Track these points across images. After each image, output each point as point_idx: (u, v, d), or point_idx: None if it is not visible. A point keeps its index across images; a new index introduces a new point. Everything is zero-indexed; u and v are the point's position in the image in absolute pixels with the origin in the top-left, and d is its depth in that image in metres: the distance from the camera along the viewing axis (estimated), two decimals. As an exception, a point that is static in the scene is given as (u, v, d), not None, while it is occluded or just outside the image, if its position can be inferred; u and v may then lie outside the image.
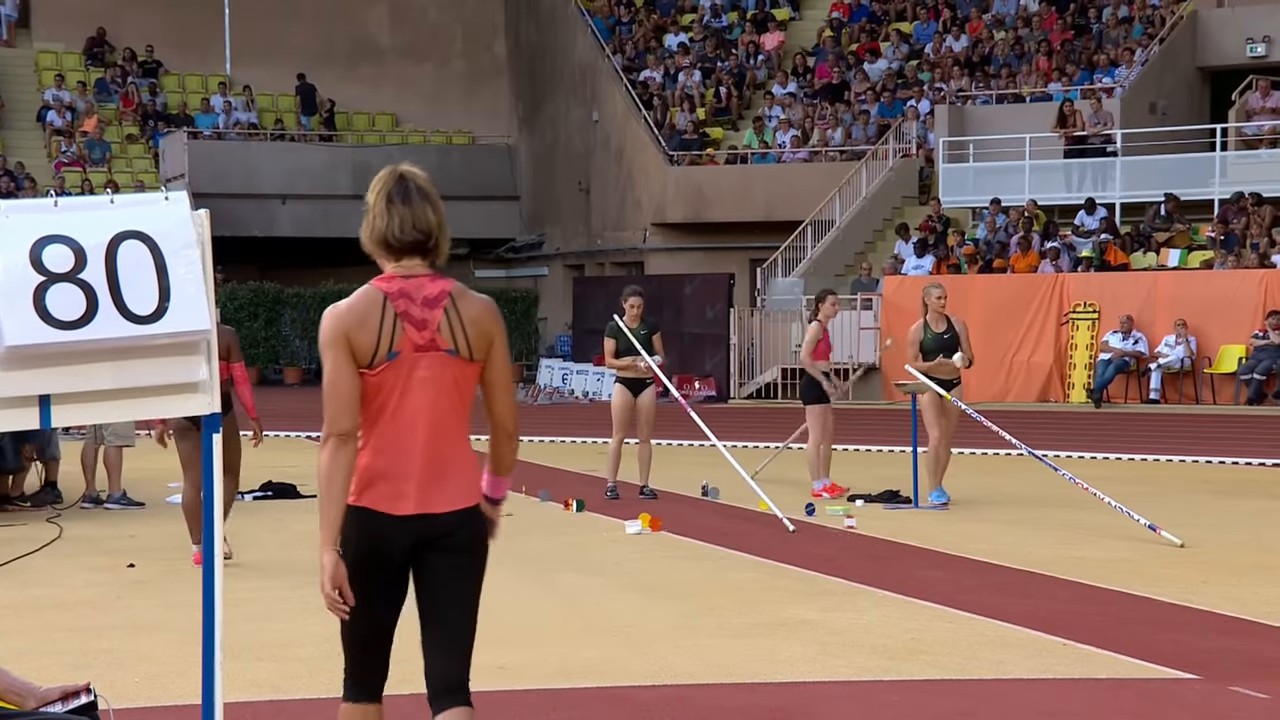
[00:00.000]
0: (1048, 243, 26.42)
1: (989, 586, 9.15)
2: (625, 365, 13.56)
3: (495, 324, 4.41)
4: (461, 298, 4.38)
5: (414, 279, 4.40)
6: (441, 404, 4.32)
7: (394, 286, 4.38)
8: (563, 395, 28.98)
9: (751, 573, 9.71)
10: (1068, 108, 28.47)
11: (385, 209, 4.48)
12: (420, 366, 4.29)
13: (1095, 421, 22.45)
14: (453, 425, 4.36)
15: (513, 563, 10.20)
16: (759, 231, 32.12)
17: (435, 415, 4.31)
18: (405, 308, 4.34)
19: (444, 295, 4.36)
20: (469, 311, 4.36)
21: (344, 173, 37.50)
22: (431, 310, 4.33)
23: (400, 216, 4.45)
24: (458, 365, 4.34)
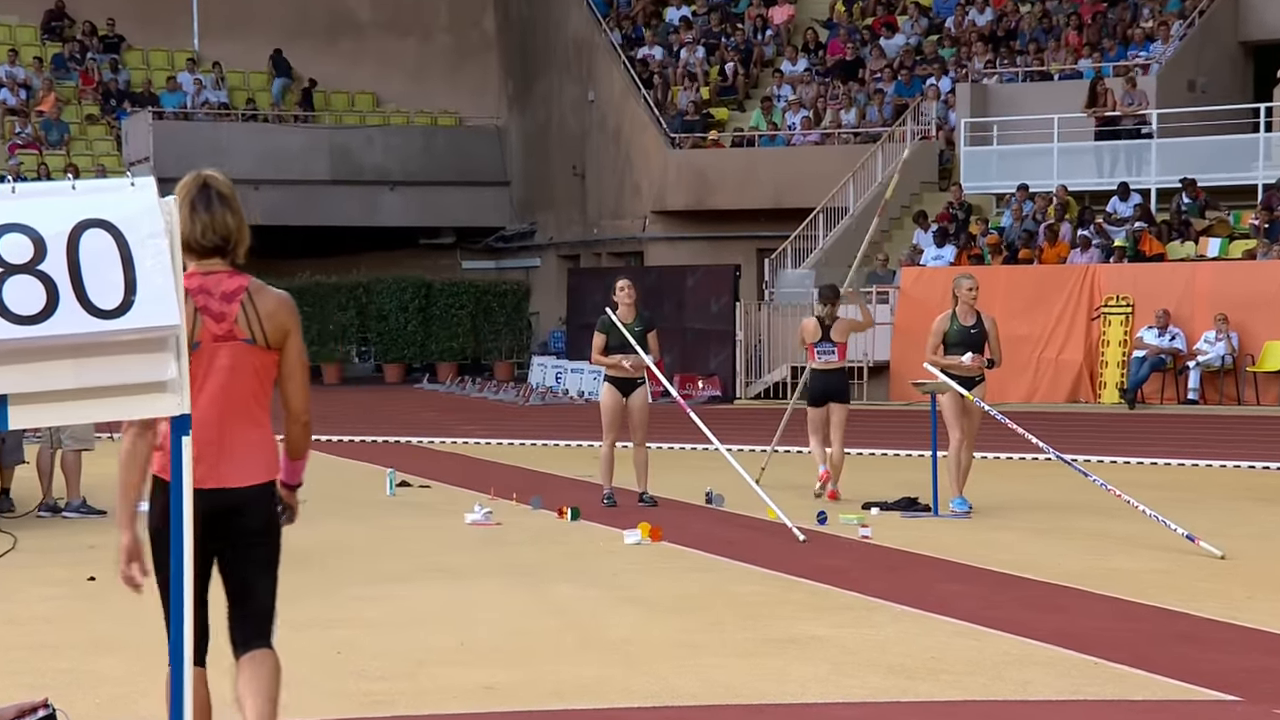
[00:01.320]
0: (1078, 231, 26.44)
1: (1014, 601, 9.16)
2: (614, 364, 13.54)
3: (291, 316, 5.21)
4: (259, 293, 5.14)
5: (213, 275, 5.09)
6: (240, 388, 5.05)
7: (194, 283, 5.02)
8: (556, 395, 28.99)
9: (759, 586, 9.73)
10: (1099, 86, 28.47)
11: (189, 215, 5.10)
12: (220, 355, 5.03)
13: (1129, 424, 22.47)
14: (251, 407, 5.08)
15: (503, 574, 10.21)
16: (767, 220, 32.13)
17: (233, 398, 5.03)
18: (204, 302, 5.02)
19: (240, 290, 5.10)
20: (265, 306, 5.13)
21: (321, 156, 37.52)
22: (229, 304, 5.06)
23: (202, 223, 5.12)
24: (256, 354, 5.09)
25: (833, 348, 14.78)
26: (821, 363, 14.75)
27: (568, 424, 23.62)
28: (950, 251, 27.11)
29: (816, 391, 14.72)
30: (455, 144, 39.00)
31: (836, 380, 14.82)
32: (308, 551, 11.31)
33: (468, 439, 21.37)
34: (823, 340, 14.77)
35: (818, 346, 14.77)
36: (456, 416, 25.18)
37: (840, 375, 14.88)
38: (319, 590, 9.59)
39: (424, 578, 10.10)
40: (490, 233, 39.76)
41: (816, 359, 14.73)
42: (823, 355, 14.74)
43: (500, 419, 24.78)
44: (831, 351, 14.75)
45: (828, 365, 14.76)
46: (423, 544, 11.68)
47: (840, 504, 13.58)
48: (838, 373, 14.85)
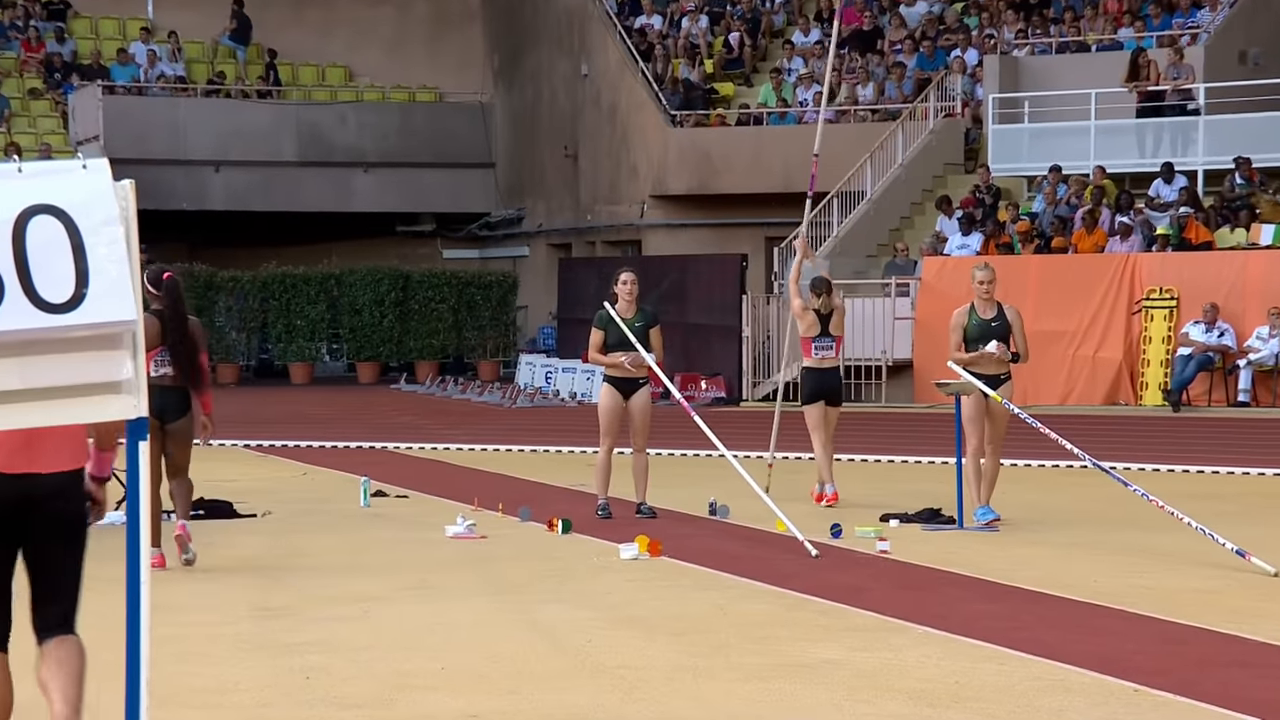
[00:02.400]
0: (1117, 218, 26.45)
1: (1046, 621, 9.19)
2: (613, 363, 13.56)
3: None
4: None
5: None
6: None
7: None
8: (546, 397, 29.01)
9: (767, 604, 9.75)
10: (1141, 58, 28.49)
11: None
12: None
13: (1173, 428, 22.49)
14: None
15: (488, 593, 10.23)
16: (776, 205, 32.13)
17: None
18: None
19: None
20: None
21: (288, 135, 37.53)
22: None
23: None
24: None
25: (831, 342, 15.01)
26: (818, 359, 14.97)
27: (559, 428, 23.62)
28: (976, 240, 27.14)
29: (813, 390, 14.87)
30: (435, 122, 38.99)
31: (833, 379, 15.08)
32: (274, 567, 11.33)
33: (449, 445, 21.38)
34: (821, 335, 14.97)
35: (815, 341, 14.96)
36: (437, 420, 25.18)
37: (837, 374, 15.14)
38: (286, 610, 9.61)
39: (401, 596, 10.12)
40: (474, 219, 39.76)
41: (813, 355, 14.93)
42: (820, 351, 14.94)
43: (485, 423, 24.78)
44: (830, 347, 14.97)
45: (824, 362, 14.98)
46: (400, 559, 11.69)
47: (856, 515, 13.59)
48: (835, 371, 15.10)
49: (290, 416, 26.22)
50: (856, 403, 26.82)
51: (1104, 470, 12.75)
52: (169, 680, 7.50)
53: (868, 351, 26.74)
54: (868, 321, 26.72)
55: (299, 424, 24.30)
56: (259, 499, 15.13)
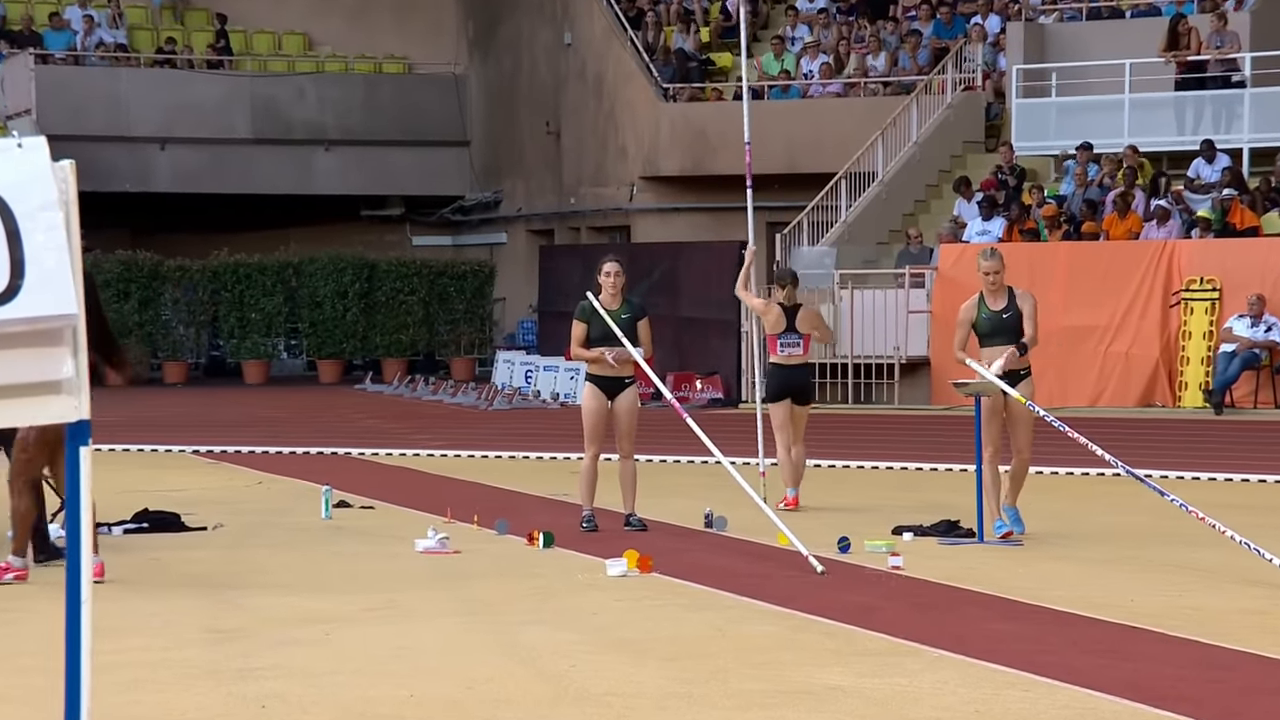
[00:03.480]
0: (1153, 201, 26.50)
1: (1076, 645, 9.20)
2: (595, 358, 13.58)
3: None
4: None
5: None
6: None
7: None
8: (526, 398, 29.02)
9: (768, 626, 9.76)
10: (1181, 25, 28.53)
11: None
12: None
13: (1214, 431, 22.52)
14: None
15: (461, 613, 10.23)
16: (779, 187, 32.14)
17: None
18: None
19: None
20: None
21: (241, 110, 37.51)
22: None
23: None
24: None
25: (798, 339, 15.28)
26: (784, 356, 15.26)
27: (540, 432, 23.61)
28: (998, 225, 27.18)
29: (778, 388, 15.21)
30: (404, 96, 38.99)
31: (800, 377, 15.34)
32: (226, 586, 11.33)
33: (419, 451, 21.37)
34: (787, 330, 15.26)
35: (781, 338, 15.25)
36: (406, 423, 25.17)
37: (804, 371, 15.42)
38: (240, 632, 9.61)
39: (366, 617, 10.12)
40: (446, 203, 39.77)
41: (778, 352, 15.23)
42: (786, 348, 15.24)
43: (458, 426, 24.78)
44: (797, 344, 15.25)
45: (790, 359, 15.26)
46: (365, 576, 11.69)
47: (867, 528, 13.61)
48: (801, 369, 15.36)
49: (244, 419, 26.20)
50: (867, 405, 26.86)
51: (1139, 479, 12.76)
52: (111, 711, 7.50)
53: (879, 349, 26.79)
54: (879, 316, 26.77)
55: (254, 428, 24.27)
56: (210, 510, 15.12)
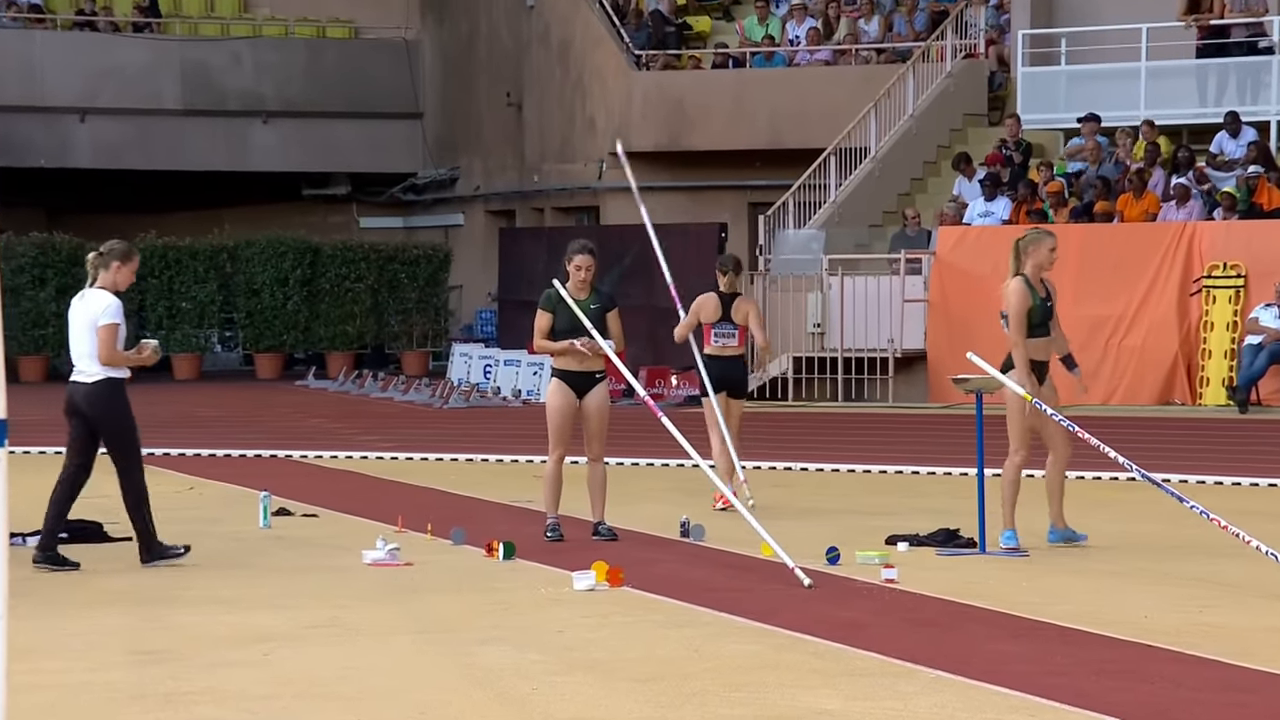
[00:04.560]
0: (1173, 179, 26.55)
1: (1086, 665, 9.22)
2: (563, 350, 13.57)
3: None
4: None
5: None
6: None
7: None
8: (485, 395, 28.99)
9: (750, 644, 9.77)
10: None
11: None
12: None
13: (1238, 431, 22.58)
14: None
15: (414, 631, 10.22)
16: (762, 164, 32.19)
17: None
18: None
19: None
20: None
21: (169, 78, 37.42)
22: None
23: None
24: None
25: (734, 330, 15.66)
26: (718, 346, 15.64)
27: (500, 433, 23.59)
28: (1003, 205, 27.20)
29: (712, 381, 15.56)
30: (350, 63, 38.92)
31: (734, 369, 15.71)
32: (154, 601, 11.31)
33: (367, 453, 21.34)
34: (723, 320, 15.63)
35: (716, 328, 15.64)
36: (352, 423, 25.13)
37: (739, 364, 15.76)
38: (169, 653, 9.59)
39: (309, 635, 10.11)
40: (397, 181, 39.73)
41: (712, 343, 15.63)
42: (721, 338, 15.64)
43: (411, 426, 24.74)
44: (733, 335, 15.63)
45: (725, 350, 15.64)
46: (308, 591, 11.68)
47: (857, 537, 13.62)
48: (736, 360, 15.72)
49: (173, 419, 26.13)
50: (859, 403, 26.89)
51: (1155, 483, 12.79)
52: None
53: (871, 341, 26.81)
54: (871, 305, 26.80)
55: (184, 428, 24.22)
56: (136, 519, 15.08)
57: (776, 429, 24.19)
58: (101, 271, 12.66)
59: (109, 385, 12.60)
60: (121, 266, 12.68)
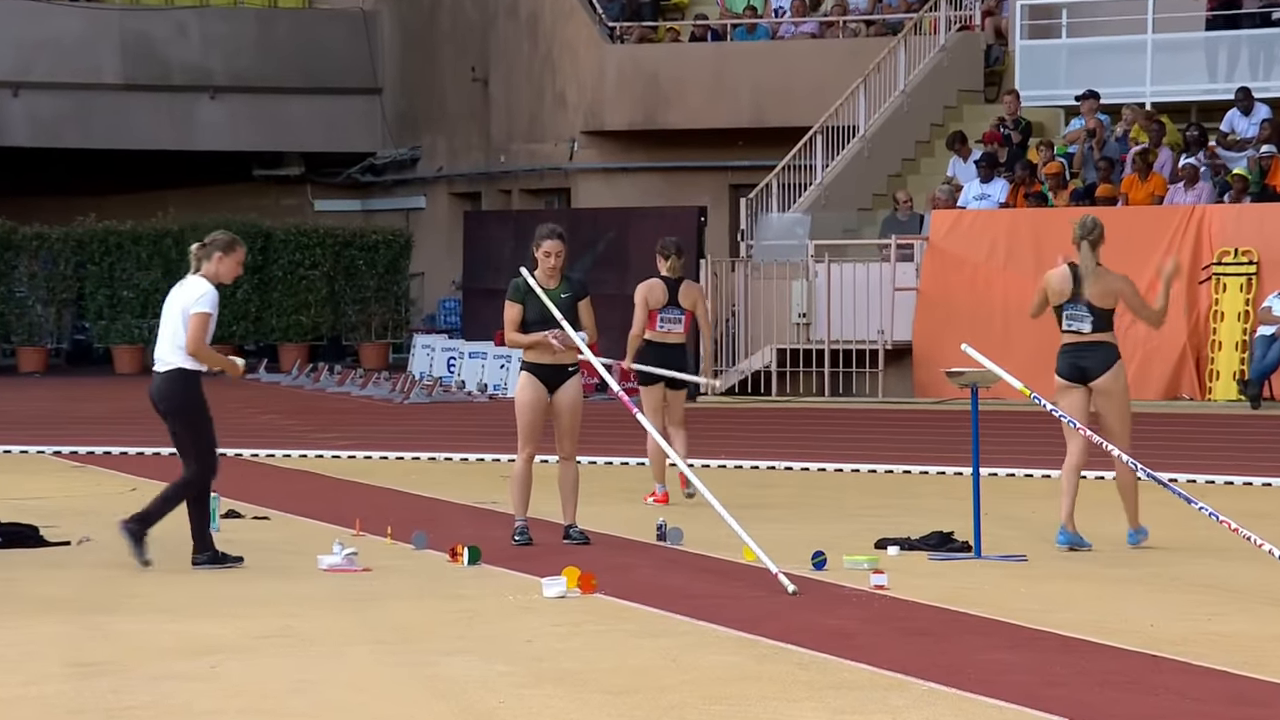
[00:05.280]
0: (1180, 159, 26.61)
1: (1088, 676, 9.25)
2: (534, 342, 13.58)
3: None
4: None
5: None
6: None
7: None
8: (448, 390, 28.99)
9: (730, 655, 9.78)
10: (1211, -45, 28.63)
11: None
12: None
13: (1250, 428, 22.63)
14: None
15: (372, 641, 10.22)
16: (744, 144, 32.20)
17: None
18: None
19: None
20: None
21: (109, 50, 37.33)
22: None
23: None
24: None
25: (680, 315, 15.96)
26: (662, 332, 15.94)
27: (465, 430, 23.57)
28: (1000, 188, 27.25)
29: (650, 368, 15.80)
30: (304, 34, 38.86)
31: (677, 357, 15.97)
32: (94, 610, 11.29)
33: (323, 451, 21.32)
34: (669, 305, 15.92)
35: (662, 312, 15.92)
36: (307, 420, 25.09)
37: (682, 352, 16.05)
38: (110, 665, 9.58)
39: (260, 646, 10.10)
40: (354, 161, 39.66)
41: (657, 328, 15.92)
42: (666, 324, 15.94)
43: (369, 423, 24.71)
44: (678, 320, 15.94)
45: (669, 336, 15.96)
46: (259, 598, 11.67)
47: (844, 540, 13.65)
48: (679, 348, 16.02)
49: (114, 415, 26.08)
50: (846, 397, 26.92)
51: (1161, 483, 12.82)
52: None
53: (860, 332, 26.83)
54: (860, 294, 26.82)
55: (126, 425, 24.17)
56: (74, 522, 15.05)
57: (759, 425, 24.24)
58: (204, 262, 12.96)
59: (182, 376, 12.93)
60: (224, 257, 12.99)
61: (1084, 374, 13.60)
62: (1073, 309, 13.65)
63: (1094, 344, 13.64)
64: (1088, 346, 13.64)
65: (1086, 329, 13.64)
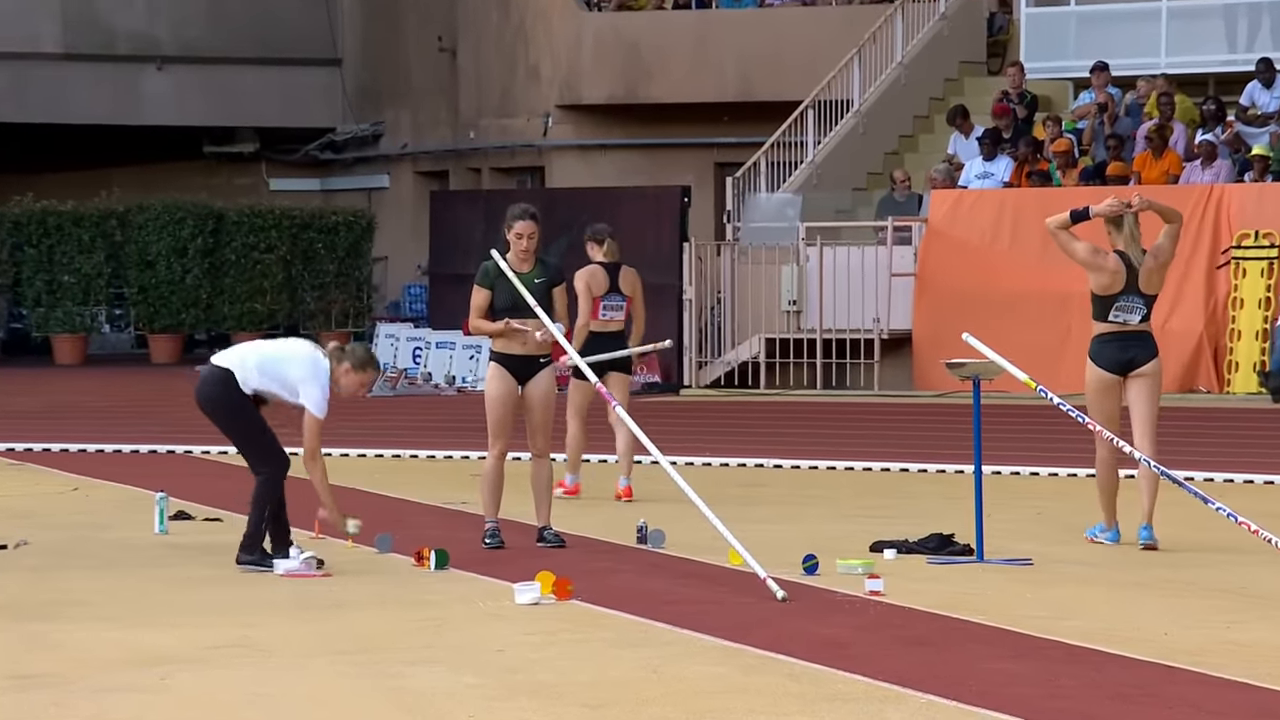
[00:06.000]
0: (1197, 135, 26.64)
1: (1098, 688, 9.27)
2: (503, 331, 13.57)
3: None
4: None
5: None
6: None
7: None
8: (414, 382, 28.98)
9: (716, 666, 9.79)
10: (1229, -84, 28.66)
11: None
12: None
13: (1271, 423, 22.67)
14: None
15: (333, 651, 10.22)
16: (730, 119, 32.19)
17: None
18: None
19: None
20: None
21: (48, 17, 37.27)
22: None
23: None
24: None
25: (622, 301, 16.42)
26: (604, 320, 16.38)
27: (431, 425, 23.56)
28: (1004, 166, 27.25)
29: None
30: (258, 1, 38.77)
31: (618, 345, 16.32)
32: (34, 618, 11.29)
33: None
34: (611, 291, 16.35)
35: (605, 299, 16.34)
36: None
37: (622, 340, 16.41)
38: (52, 678, 9.57)
39: (213, 656, 10.10)
40: (313, 137, 39.63)
41: (600, 316, 16.32)
42: (609, 311, 16.37)
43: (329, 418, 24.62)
44: (620, 307, 16.40)
45: (609, 325, 16.41)
46: (211, 605, 11.67)
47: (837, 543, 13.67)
48: (619, 335, 16.41)
49: (54, 409, 26.06)
50: (840, 391, 26.93)
51: (1176, 482, 12.84)
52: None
53: (854, 320, 26.84)
54: (855, 279, 26.82)
55: (67, 419, 24.15)
56: (10, 525, 15.03)
57: (746, 420, 24.25)
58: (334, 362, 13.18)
59: (221, 373, 13.10)
60: (352, 373, 13.19)
61: (1130, 365, 13.62)
62: (1126, 300, 13.70)
63: (1141, 334, 13.70)
64: (1135, 336, 13.69)
65: (1135, 320, 13.68)
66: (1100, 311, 13.74)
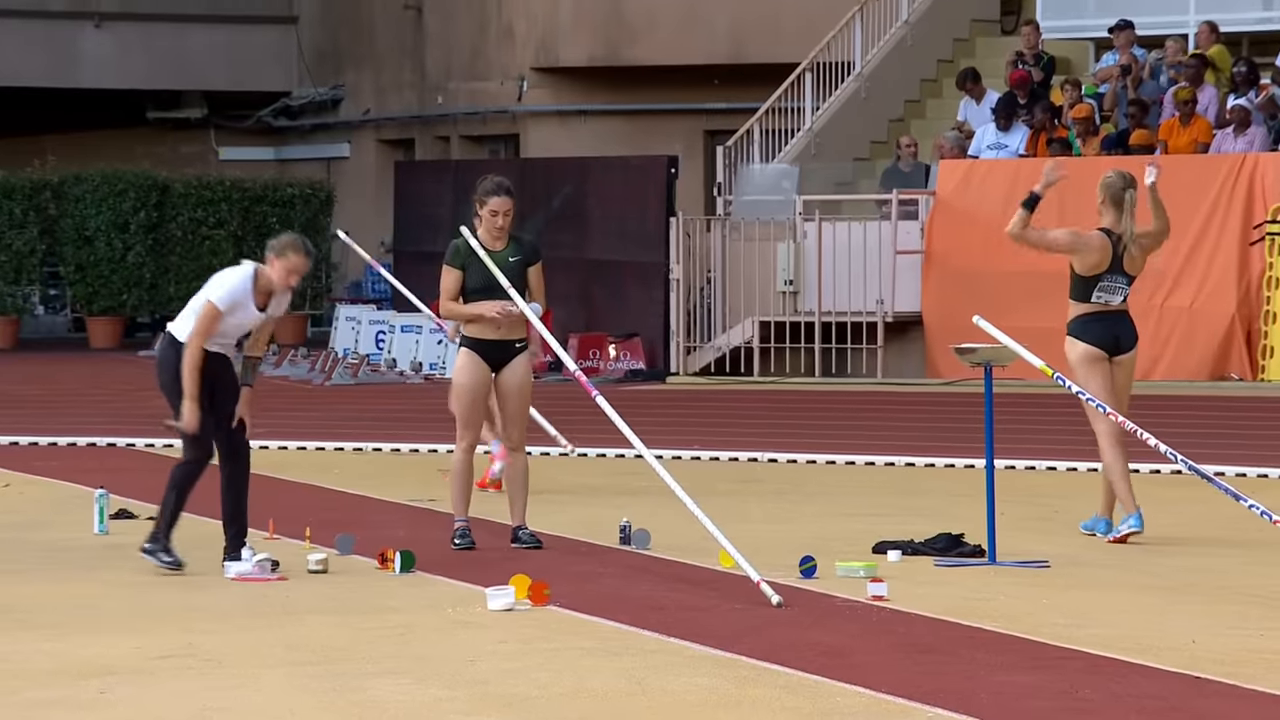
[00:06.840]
0: (1230, 99, 26.65)
1: (1120, 699, 9.30)
2: (475, 315, 13.59)
3: None
4: None
5: None
6: None
7: None
8: (377, 369, 28.98)
9: (706, 677, 9.81)
10: None
11: None
12: None
13: (1307, 415, 22.72)
14: None
15: (289, 662, 10.23)
16: (721, 83, 32.20)
17: None
18: None
19: None
20: None
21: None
22: None
23: None
24: None
25: None
26: None
27: (396, 415, 23.57)
28: (1019, 135, 27.27)
29: None
30: (208, -46, 38.75)
31: None
32: (-35, 626, 11.28)
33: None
34: None
35: None
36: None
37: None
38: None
39: (158, 667, 10.11)
40: (266, 102, 39.61)
41: None
42: None
43: (284, 407, 24.67)
44: None
45: None
46: (156, 612, 11.67)
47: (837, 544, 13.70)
48: None
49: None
50: (841, 378, 26.96)
51: (1206, 478, 12.87)
52: None
53: (856, 301, 26.86)
54: (857, 257, 26.83)
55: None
56: (-60, 523, 15.04)
57: (739, 410, 24.27)
58: None
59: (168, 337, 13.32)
60: (274, 260, 13.19)
61: (1117, 345, 13.77)
62: (1110, 280, 13.83)
63: (1123, 314, 13.90)
64: (1118, 316, 13.88)
65: (1118, 300, 13.86)
66: (1082, 292, 13.88)
